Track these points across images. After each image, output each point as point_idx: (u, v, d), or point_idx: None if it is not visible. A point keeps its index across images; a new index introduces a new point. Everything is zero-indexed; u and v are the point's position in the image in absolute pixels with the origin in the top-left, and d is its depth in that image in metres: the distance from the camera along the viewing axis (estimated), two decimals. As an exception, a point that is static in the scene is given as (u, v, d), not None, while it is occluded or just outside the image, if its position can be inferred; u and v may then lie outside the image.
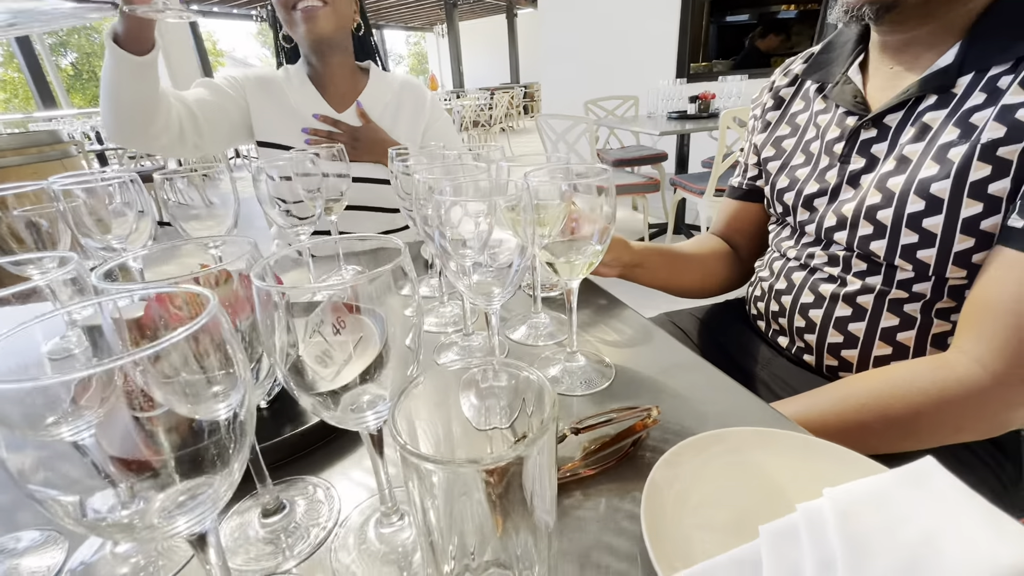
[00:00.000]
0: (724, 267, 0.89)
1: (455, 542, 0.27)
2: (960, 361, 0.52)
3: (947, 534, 0.30)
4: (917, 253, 0.57)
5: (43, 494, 0.22)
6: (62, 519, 0.23)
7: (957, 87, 0.56)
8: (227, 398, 0.26)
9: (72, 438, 0.23)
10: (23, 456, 0.21)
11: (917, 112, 0.58)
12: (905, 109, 0.60)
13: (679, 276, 0.85)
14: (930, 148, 0.56)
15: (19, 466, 0.21)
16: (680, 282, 0.86)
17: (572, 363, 0.57)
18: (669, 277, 0.84)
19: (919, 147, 0.57)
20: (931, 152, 0.56)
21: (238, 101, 1.10)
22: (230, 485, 0.26)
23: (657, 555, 0.32)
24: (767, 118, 0.81)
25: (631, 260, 0.76)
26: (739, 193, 0.88)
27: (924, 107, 0.58)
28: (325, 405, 0.31)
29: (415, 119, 1.18)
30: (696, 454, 0.40)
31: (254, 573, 0.36)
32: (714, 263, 0.88)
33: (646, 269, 0.79)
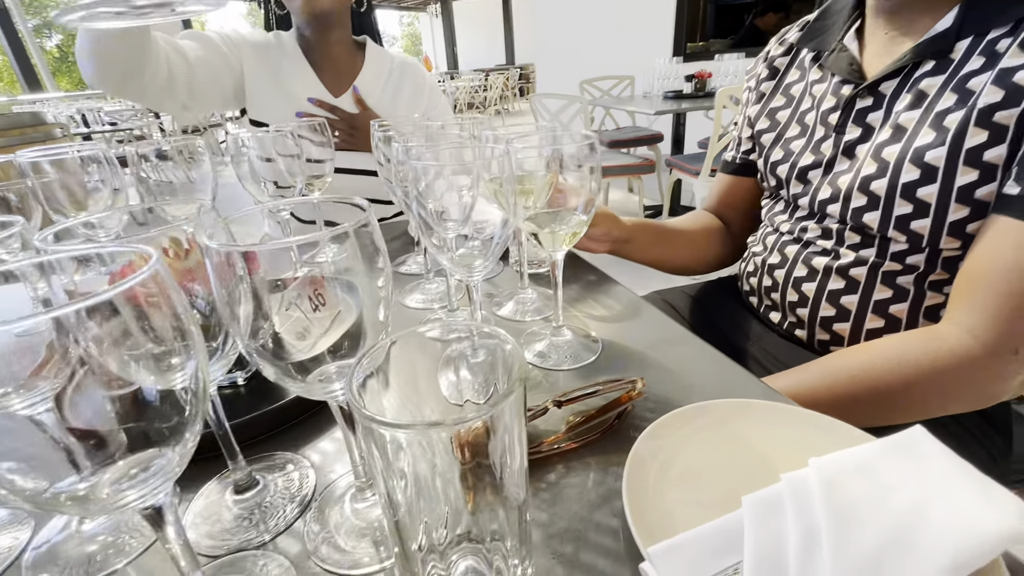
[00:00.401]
0: (716, 243, 0.87)
1: (422, 517, 0.26)
2: (952, 332, 0.51)
3: (934, 503, 0.30)
4: (911, 224, 0.56)
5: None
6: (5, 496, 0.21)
7: (955, 52, 0.54)
8: (180, 367, 0.25)
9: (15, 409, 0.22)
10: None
11: (913, 79, 0.57)
12: (901, 76, 0.58)
13: (670, 252, 0.84)
14: (927, 116, 0.54)
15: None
16: (671, 258, 0.85)
17: (558, 338, 0.56)
18: (660, 253, 0.83)
19: (915, 115, 0.56)
20: (928, 120, 0.54)
21: (232, 64, 1.02)
22: (182, 457, 0.25)
23: (638, 527, 0.31)
24: (761, 89, 0.79)
25: (620, 235, 0.74)
26: (732, 167, 0.86)
27: (921, 73, 0.56)
28: (291, 375, 0.30)
29: (414, 103, 1.13)
30: (681, 426, 0.39)
31: (226, 549, 0.35)
32: (706, 239, 0.87)
33: (636, 245, 0.78)
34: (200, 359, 0.25)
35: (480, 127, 0.71)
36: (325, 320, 0.31)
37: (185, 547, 0.28)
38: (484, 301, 0.68)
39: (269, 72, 1.05)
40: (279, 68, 1.05)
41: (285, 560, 0.34)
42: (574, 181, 0.49)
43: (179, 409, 0.25)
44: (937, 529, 0.28)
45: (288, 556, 0.34)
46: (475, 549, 0.28)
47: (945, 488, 0.30)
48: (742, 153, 0.84)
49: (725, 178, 0.88)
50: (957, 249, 0.55)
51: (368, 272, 0.30)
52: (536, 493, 0.38)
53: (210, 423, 0.37)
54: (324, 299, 0.31)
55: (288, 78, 1.05)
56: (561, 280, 0.54)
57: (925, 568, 0.27)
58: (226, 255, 0.26)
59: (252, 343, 0.29)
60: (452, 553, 0.28)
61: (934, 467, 0.32)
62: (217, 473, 0.41)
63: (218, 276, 0.27)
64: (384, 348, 0.26)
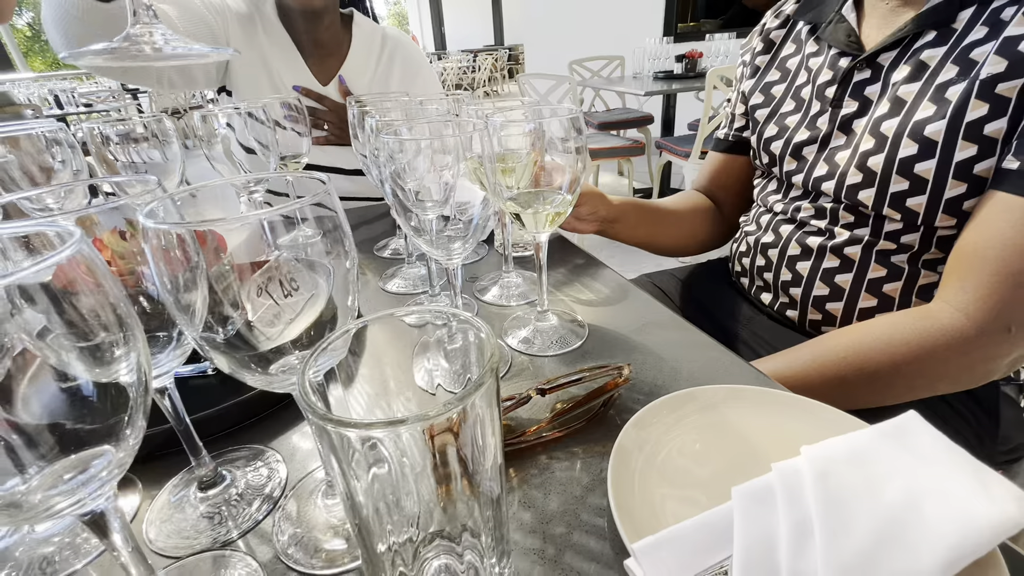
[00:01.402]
0: (706, 224, 0.86)
1: (388, 517, 0.24)
2: (944, 310, 0.51)
3: (929, 493, 0.28)
4: (907, 201, 0.55)
5: None
6: None
7: (958, 22, 0.52)
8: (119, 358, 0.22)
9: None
10: None
11: (914, 50, 0.55)
12: (900, 47, 0.56)
13: (660, 232, 0.82)
14: (927, 88, 0.53)
15: None
16: (661, 239, 0.82)
17: (543, 323, 0.54)
18: (650, 233, 0.80)
19: (915, 87, 0.54)
20: (928, 92, 0.52)
21: (218, 34, 0.92)
22: (124, 457, 0.23)
23: (623, 522, 0.29)
24: (756, 63, 0.76)
25: (608, 214, 0.72)
26: (725, 145, 0.84)
27: (921, 44, 0.54)
28: (248, 367, 0.28)
29: (407, 86, 1.07)
30: (668, 414, 0.38)
31: (190, 549, 0.33)
32: (696, 219, 0.85)
33: (625, 224, 0.76)
34: (140, 350, 0.23)
35: (463, 105, 0.68)
36: (290, 308, 0.29)
37: (135, 553, 0.26)
38: (467, 285, 0.66)
39: (255, 52, 0.97)
40: (264, 49, 0.97)
41: (252, 561, 0.32)
42: (559, 159, 0.46)
43: (117, 404, 0.22)
44: (933, 521, 0.27)
45: (256, 556, 0.32)
46: (448, 547, 0.26)
47: (940, 477, 0.29)
48: (735, 130, 0.82)
49: (717, 156, 0.86)
50: (952, 228, 0.54)
51: (331, 254, 0.28)
52: (518, 485, 0.36)
53: (169, 418, 0.34)
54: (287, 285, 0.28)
55: (274, 62, 0.98)
56: (546, 263, 0.52)
57: (922, 562, 0.26)
58: (163, 235, 0.23)
59: (204, 334, 0.27)
60: (424, 552, 0.26)
61: (928, 455, 0.31)
62: (182, 469, 0.39)
63: (158, 259, 0.24)
64: (347, 336, 0.24)
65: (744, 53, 0.80)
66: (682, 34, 4.21)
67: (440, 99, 0.69)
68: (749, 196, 0.82)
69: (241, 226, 0.23)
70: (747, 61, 0.78)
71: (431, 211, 0.46)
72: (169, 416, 0.34)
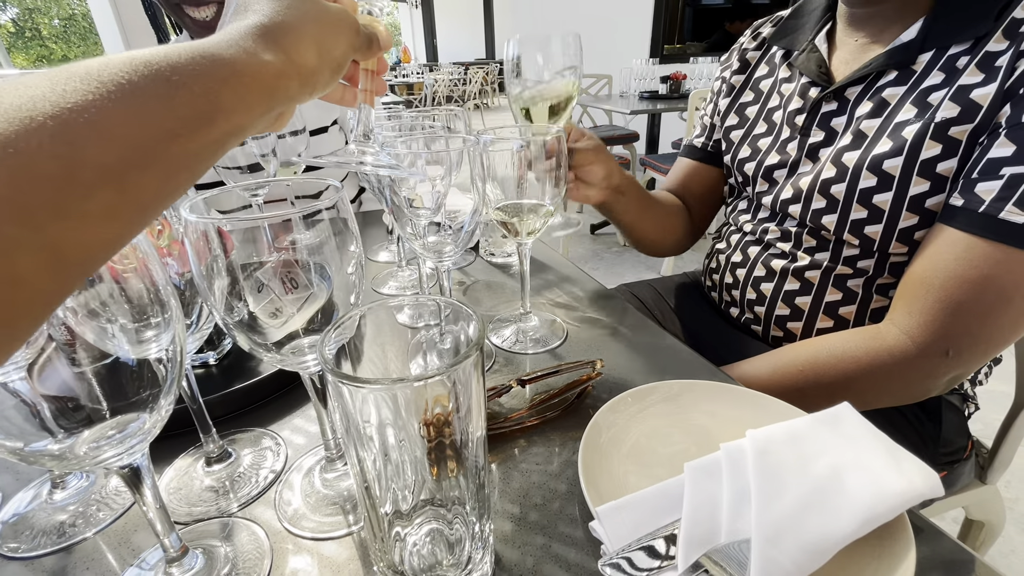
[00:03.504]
0: (680, 223, 0.87)
1: (389, 484, 0.28)
2: (891, 332, 0.55)
3: (851, 468, 0.33)
4: (865, 228, 0.58)
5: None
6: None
7: (917, 64, 0.56)
8: (159, 336, 0.26)
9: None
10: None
11: (877, 87, 0.59)
12: (865, 83, 0.60)
13: (648, 219, 0.82)
14: (887, 125, 0.57)
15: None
16: (647, 226, 0.82)
17: (526, 324, 0.59)
18: (640, 217, 0.80)
19: (875, 123, 0.58)
20: (887, 129, 0.56)
21: None
22: (158, 421, 0.26)
23: (589, 490, 0.33)
24: (732, 81, 0.80)
25: (620, 183, 0.72)
26: (700, 154, 0.86)
27: (884, 82, 0.58)
28: (265, 347, 0.31)
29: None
30: (633, 403, 0.42)
31: (195, 516, 0.36)
32: (673, 217, 0.86)
33: (628, 200, 0.75)
34: (178, 329, 0.27)
35: (456, 120, 0.72)
36: (297, 301, 0.32)
37: (161, 511, 0.29)
38: (455, 289, 0.70)
39: None
40: None
41: (256, 526, 0.35)
42: (544, 176, 0.51)
43: (157, 376, 0.26)
44: (851, 490, 0.32)
45: (258, 522, 0.36)
46: (437, 513, 0.30)
47: (861, 455, 0.34)
48: (713, 142, 0.84)
49: (689, 163, 0.87)
50: (904, 255, 0.59)
51: (339, 252, 0.32)
52: (500, 463, 0.40)
53: (184, 398, 0.38)
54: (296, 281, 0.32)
55: None
56: (528, 268, 0.56)
57: (840, 523, 0.30)
58: (203, 230, 0.27)
59: (228, 317, 0.30)
60: (416, 516, 0.30)
61: (854, 437, 0.35)
62: (190, 447, 0.42)
63: (195, 250, 0.28)
64: (354, 319, 0.28)
65: (724, 70, 0.83)
66: (668, 56, 4.35)
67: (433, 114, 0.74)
68: (716, 204, 0.86)
69: (267, 222, 0.27)
70: (725, 78, 0.82)
71: (424, 217, 0.50)
72: (185, 395, 0.37)
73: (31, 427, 0.24)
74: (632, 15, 4.23)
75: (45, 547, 0.35)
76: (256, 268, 0.30)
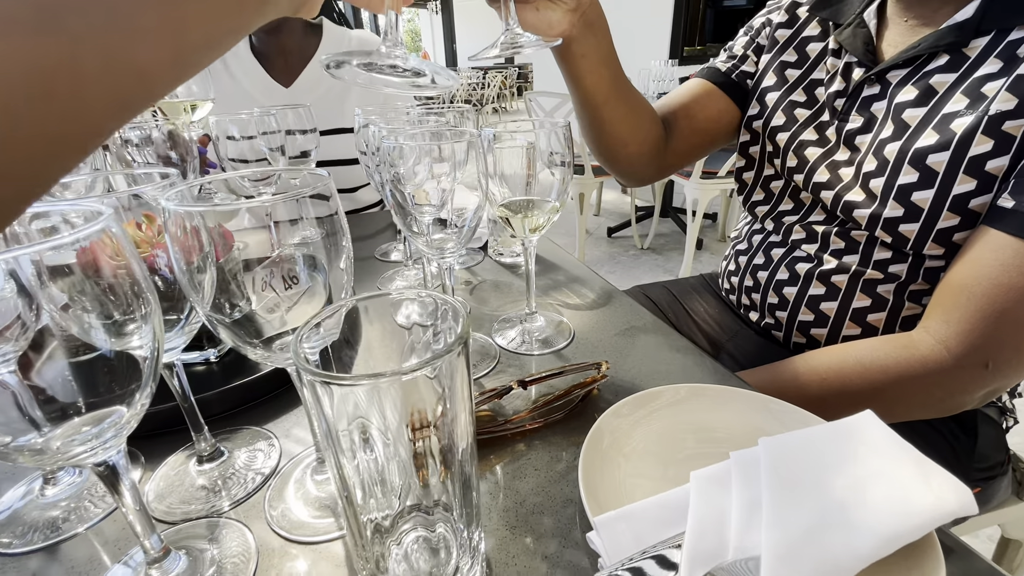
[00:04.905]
0: (653, 132, 0.74)
1: (372, 489, 0.26)
2: (925, 341, 0.51)
3: (874, 480, 0.30)
4: (899, 227, 0.54)
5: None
6: None
7: (971, 48, 0.51)
8: (136, 330, 0.25)
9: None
10: None
11: (924, 72, 0.54)
12: (912, 67, 0.55)
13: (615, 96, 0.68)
14: (932, 115, 0.52)
15: None
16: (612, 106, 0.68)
17: (531, 324, 0.57)
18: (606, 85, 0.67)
19: (920, 112, 0.53)
20: (933, 120, 0.52)
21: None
22: (133, 416, 0.25)
23: (589, 499, 0.32)
24: (776, 36, 0.71)
25: (589, 11, 0.59)
26: (720, 78, 0.75)
27: (933, 67, 0.53)
28: (249, 342, 0.30)
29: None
30: (640, 406, 0.40)
31: (185, 515, 0.36)
32: (646, 119, 0.73)
33: (595, 42, 0.62)
34: (155, 323, 0.26)
35: (465, 120, 0.71)
36: (288, 299, 0.31)
37: (141, 512, 0.28)
38: (462, 289, 0.69)
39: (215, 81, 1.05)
40: (227, 69, 1.05)
41: (244, 528, 0.34)
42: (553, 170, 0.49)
43: (135, 371, 0.25)
44: (875, 505, 0.29)
45: (247, 524, 0.35)
46: (424, 520, 0.29)
47: (886, 467, 0.31)
48: (741, 71, 0.74)
49: (703, 86, 0.76)
50: (939, 258, 0.54)
51: (329, 248, 0.30)
52: (497, 468, 0.38)
53: (176, 396, 0.37)
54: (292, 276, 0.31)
55: (236, 75, 1.05)
56: (533, 267, 0.55)
57: (860, 540, 0.28)
58: (184, 217, 0.26)
59: (212, 313, 0.30)
60: (402, 524, 0.29)
61: (878, 448, 0.33)
62: (182, 446, 0.42)
63: (175, 241, 0.27)
64: (339, 314, 0.27)
65: (771, 12, 0.73)
66: (688, 57, 4.29)
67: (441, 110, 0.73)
68: (711, 143, 0.77)
69: (248, 211, 0.26)
70: (772, 21, 0.72)
71: (428, 215, 0.49)
72: (176, 393, 0.37)
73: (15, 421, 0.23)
74: (651, 17, 4.19)
75: (36, 543, 0.34)
76: (244, 263, 0.29)
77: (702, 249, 2.83)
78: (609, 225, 3.17)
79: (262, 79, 1.06)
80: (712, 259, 2.73)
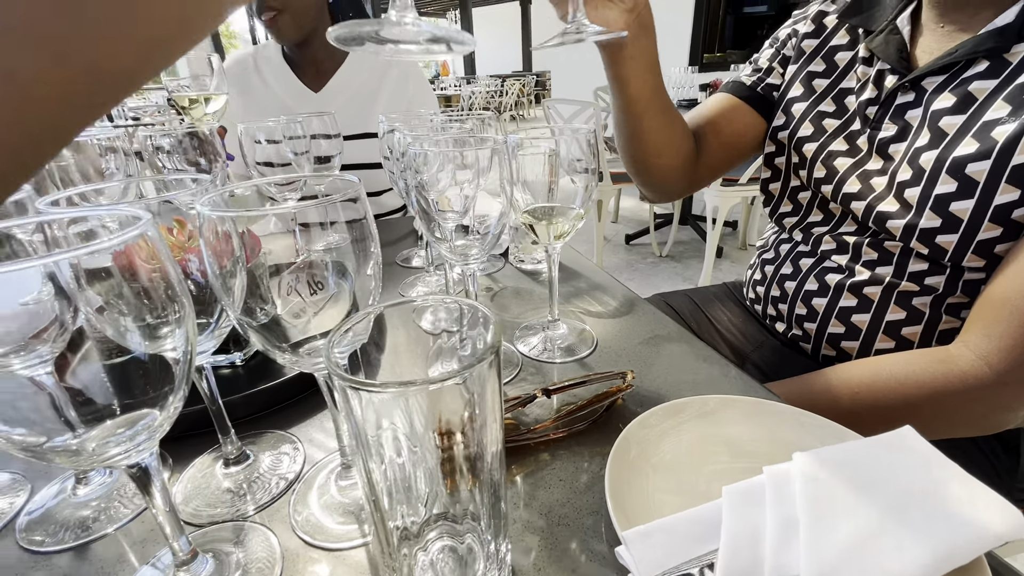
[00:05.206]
0: (687, 147, 0.75)
1: (399, 496, 0.26)
2: (964, 356, 0.49)
3: (917, 499, 0.29)
4: (936, 238, 0.52)
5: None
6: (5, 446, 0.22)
7: (1013, 54, 0.50)
8: (170, 333, 0.26)
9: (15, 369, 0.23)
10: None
11: (962, 79, 0.52)
12: (949, 74, 0.53)
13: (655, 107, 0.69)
14: (972, 123, 0.51)
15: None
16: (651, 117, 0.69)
17: (554, 331, 0.56)
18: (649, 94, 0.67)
19: (958, 120, 0.52)
20: (972, 128, 0.50)
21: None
22: (166, 419, 0.26)
23: (617, 512, 0.31)
24: (803, 46, 0.70)
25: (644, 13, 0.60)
26: (745, 92, 0.74)
27: (972, 74, 0.52)
28: (278, 347, 0.30)
29: (398, 92, 1.14)
30: (668, 417, 0.39)
31: (211, 518, 0.36)
32: (680, 134, 0.73)
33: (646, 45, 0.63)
34: (188, 327, 0.26)
35: (487, 127, 0.71)
36: (314, 304, 0.31)
37: (170, 513, 0.28)
38: (483, 295, 0.69)
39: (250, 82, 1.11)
40: (260, 75, 1.11)
41: (269, 532, 0.34)
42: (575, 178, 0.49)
43: (168, 374, 0.25)
44: (919, 526, 0.28)
45: (272, 528, 0.35)
46: (451, 529, 0.28)
47: (929, 486, 0.30)
48: (766, 84, 0.73)
49: (728, 100, 0.76)
50: (979, 270, 0.52)
51: (357, 254, 0.30)
52: (519, 478, 0.38)
53: (204, 398, 0.37)
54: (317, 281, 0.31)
55: (270, 82, 1.10)
56: (557, 274, 0.54)
57: (903, 563, 0.26)
58: (217, 222, 0.26)
59: (243, 317, 0.30)
60: (428, 532, 0.28)
61: (920, 465, 0.31)
62: (209, 448, 0.42)
63: (209, 245, 0.27)
64: (368, 320, 0.27)
65: (797, 22, 0.72)
66: (708, 64, 4.27)
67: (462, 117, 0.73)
68: (739, 158, 0.77)
69: (277, 217, 0.27)
70: (797, 31, 0.71)
71: (451, 221, 0.49)
72: (204, 396, 0.37)
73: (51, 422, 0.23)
74: (671, 23, 4.17)
75: (67, 542, 0.35)
76: (274, 268, 0.30)
77: (722, 257, 2.79)
78: (627, 232, 3.15)
79: (293, 84, 1.10)
80: (733, 267, 2.69)
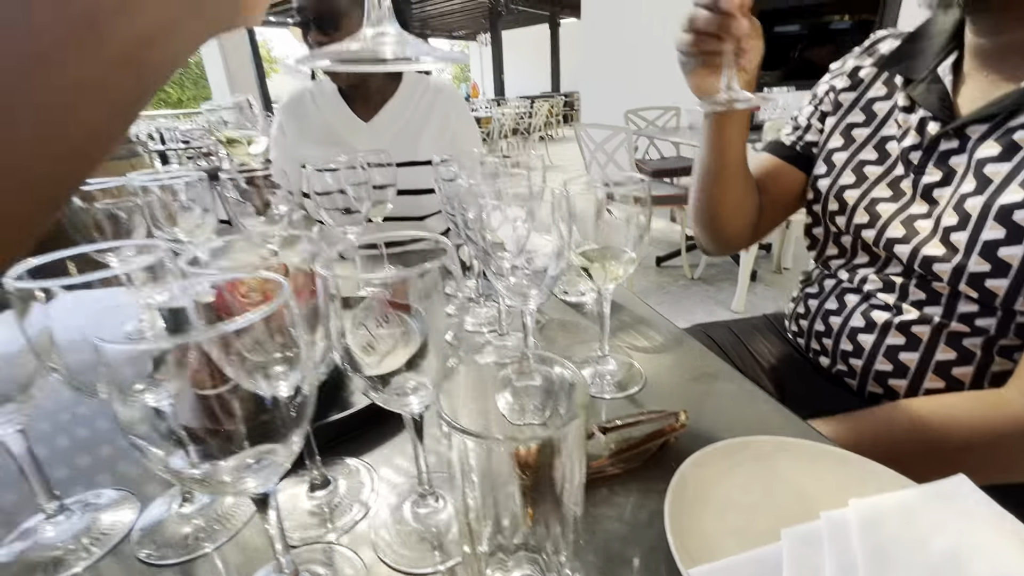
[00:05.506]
0: (754, 208, 0.80)
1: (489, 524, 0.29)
2: (1017, 400, 0.50)
3: (974, 551, 0.31)
4: (986, 282, 0.53)
5: (139, 444, 0.26)
6: (154, 465, 0.26)
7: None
8: (291, 376, 0.29)
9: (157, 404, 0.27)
10: (129, 411, 0.25)
11: (1007, 128, 0.53)
12: (993, 123, 0.55)
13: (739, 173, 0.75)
14: (1017, 171, 0.51)
15: (126, 418, 0.25)
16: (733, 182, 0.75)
17: (603, 367, 0.59)
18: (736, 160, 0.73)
19: (1004, 168, 0.53)
20: (1018, 176, 0.51)
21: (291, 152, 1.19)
22: (291, 454, 0.29)
23: (679, 549, 0.33)
24: (840, 99, 0.72)
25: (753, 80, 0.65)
26: (786, 152, 0.78)
27: (1017, 123, 0.53)
28: (374, 387, 0.34)
29: (443, 127, 1.20)
30: (723, 458, 0.41)
31: (301, 540, 0.39)
32: (750, 196, 0.79)
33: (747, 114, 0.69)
34: (308, 372, 0.30)
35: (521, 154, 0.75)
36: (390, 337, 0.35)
37: (281, 532, 0.32)
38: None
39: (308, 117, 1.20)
40: (317, 109, 1.20)
41: (354, 554, 0.38)
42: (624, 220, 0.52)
43: (291, 413, 0.29)
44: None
45: (356, 551, 0.38)
46: (531, 558, 0.31)
47: (985, 537, 0.31)
48: (805, 142, 0.77)
49: (771, 160, 0.80)
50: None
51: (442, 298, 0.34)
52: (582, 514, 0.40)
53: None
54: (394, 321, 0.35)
55: (326, 114, 1.19)
56: (608, 311, 0.57)
57: (962, 613, 0.28)
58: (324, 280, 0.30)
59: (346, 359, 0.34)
60: (510, 559, 0.31)
61: (975, 515, 0.33)
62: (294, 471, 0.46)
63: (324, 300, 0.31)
64: (459, 370, 0.30)
65: (834, 77, 0.76)
66: (739, 86, 4.27)
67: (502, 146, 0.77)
68: (786, 212, 0.81)
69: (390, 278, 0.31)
70: (835, 87, 0.74)
71: (507, 260, 0.52)
72: (295, 425, 0.41)
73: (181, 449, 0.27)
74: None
75: (170, 558, 0.39)
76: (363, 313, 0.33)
77: (756, 280, 2.75)
78: (658, 254, 3.14)
79: (345, 114, 1.18)
80: (767, 291, 2.65)
